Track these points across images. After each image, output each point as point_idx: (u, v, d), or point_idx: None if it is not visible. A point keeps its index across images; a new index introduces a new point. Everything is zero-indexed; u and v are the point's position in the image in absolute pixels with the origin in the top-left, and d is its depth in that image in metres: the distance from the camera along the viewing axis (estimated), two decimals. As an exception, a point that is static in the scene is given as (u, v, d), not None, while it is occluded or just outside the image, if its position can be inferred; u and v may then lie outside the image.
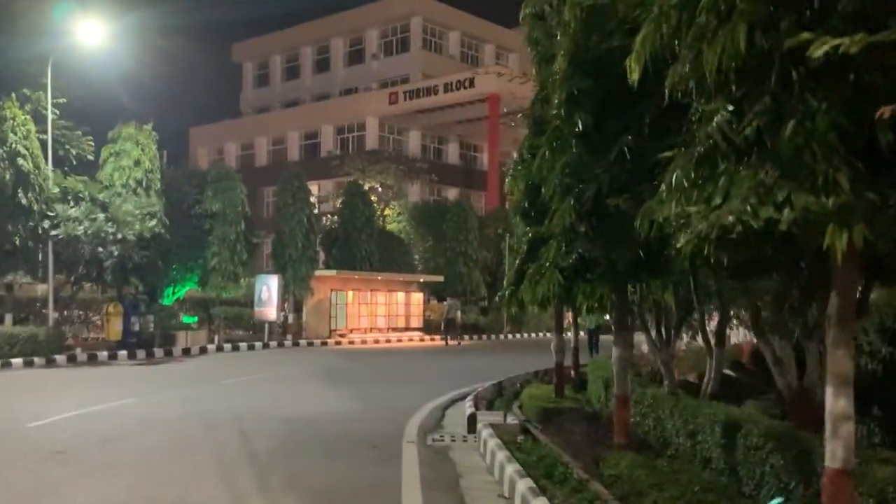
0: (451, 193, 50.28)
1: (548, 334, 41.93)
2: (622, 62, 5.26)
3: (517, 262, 12.82)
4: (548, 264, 8.53)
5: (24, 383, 18.33)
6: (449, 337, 35.01)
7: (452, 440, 11.32)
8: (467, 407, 13.05)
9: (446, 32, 58.55)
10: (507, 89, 51.11)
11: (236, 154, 60.70)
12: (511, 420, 11.78)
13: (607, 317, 15.93)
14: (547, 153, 8.17)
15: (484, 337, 38.80)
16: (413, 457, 9.95)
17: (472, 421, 11.81)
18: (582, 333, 20.10)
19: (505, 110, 50.10)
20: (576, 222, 7.74)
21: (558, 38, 8.17)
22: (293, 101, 62.57)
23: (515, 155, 13.21)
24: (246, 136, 61.99)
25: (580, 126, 7.46)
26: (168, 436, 11.33)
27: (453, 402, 15.45)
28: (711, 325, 11.15)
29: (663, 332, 10.92)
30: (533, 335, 41.56)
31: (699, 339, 16.10)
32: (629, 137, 7.26)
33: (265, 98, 64.98)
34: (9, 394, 16.47)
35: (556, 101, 7.72)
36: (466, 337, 37.34)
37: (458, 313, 36.53)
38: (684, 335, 16.62)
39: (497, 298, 14.23)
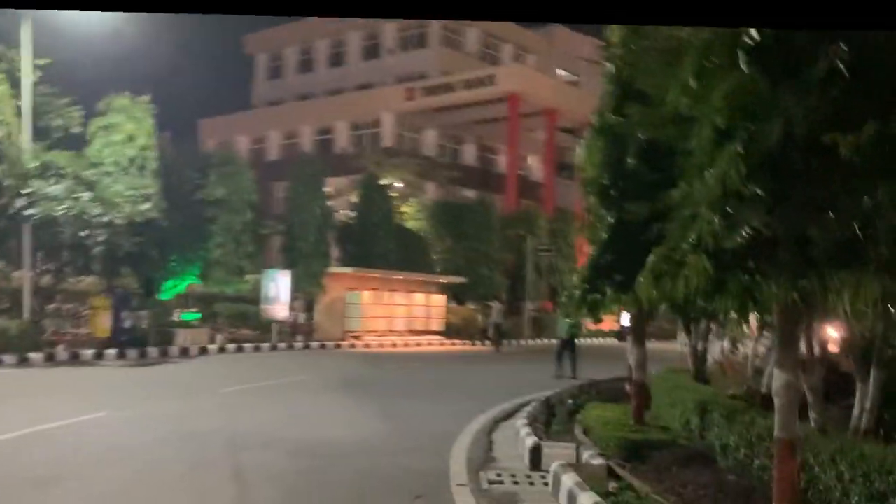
0: (468, 195, 47.77)
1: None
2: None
3: (594, 254, 10.51)
4: (686, 247, 5.71)
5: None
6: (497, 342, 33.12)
7: (515, 481, 8.78)
8: (523, 433, 10.76)
9: (465, 30, 56.16)
10: (527, 88, 48.97)
11: (247, 147, 58.22)
12: (588, 456, 9.13)
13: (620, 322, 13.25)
14: (692, 82, 5.49)
15: (504, 342, 35.89)
16: (471, 510, 7.35)
17: (536, 455, 9.45)
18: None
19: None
20: (744, 181, 5.06)
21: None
22: (307, 95, 60.44)
23: (593, 120, 10.77)
24: (258, 129, 59.86)
25: (752, 38, 5.00)
26: (135, 473, 8.47)
27: (496, 422, 12.89)
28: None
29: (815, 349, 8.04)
30: (555, 341, 38.69)
31: (742, 348, 13.40)
32: (840, 46, 4.80)
33: (278, 91, 62.78)
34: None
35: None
36: (504, 342, 34.87)
37: (502, 318, 34.48)
38: (722, 343, 13.98)
39: (564, 300, 11.57)
